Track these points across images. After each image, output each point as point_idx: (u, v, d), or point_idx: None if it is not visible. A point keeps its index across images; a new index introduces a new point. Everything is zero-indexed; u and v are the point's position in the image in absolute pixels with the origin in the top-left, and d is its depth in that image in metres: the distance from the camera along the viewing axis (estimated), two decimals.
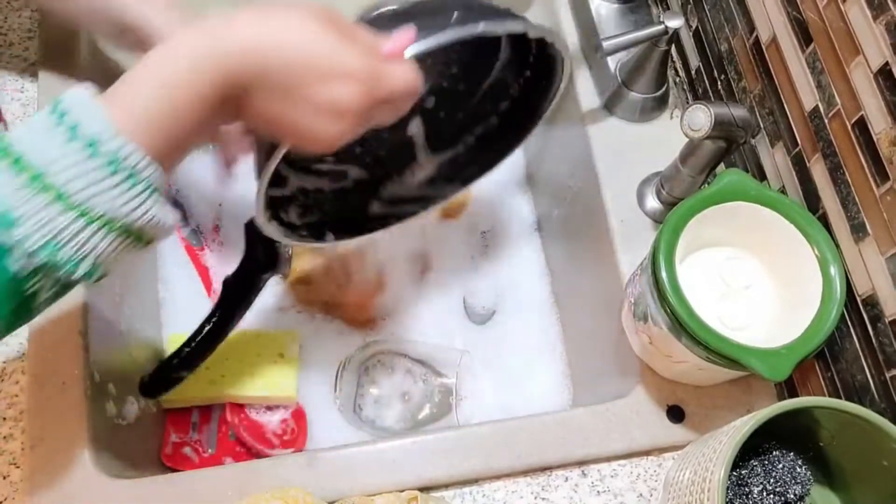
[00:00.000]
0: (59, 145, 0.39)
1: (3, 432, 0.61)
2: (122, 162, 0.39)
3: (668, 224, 0.57)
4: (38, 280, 0.41)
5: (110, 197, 0.39)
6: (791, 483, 0.56)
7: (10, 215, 0.38)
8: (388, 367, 0.82)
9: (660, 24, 0.65)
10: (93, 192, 0.39)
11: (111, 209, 0.40)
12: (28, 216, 0.38)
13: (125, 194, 0.40)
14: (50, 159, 0.39)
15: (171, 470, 0.73)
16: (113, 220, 0.40)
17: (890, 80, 0.49)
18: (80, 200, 0.39)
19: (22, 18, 0.77)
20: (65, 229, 0.39)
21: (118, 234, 0.41)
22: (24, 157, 0.39)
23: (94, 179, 0.39)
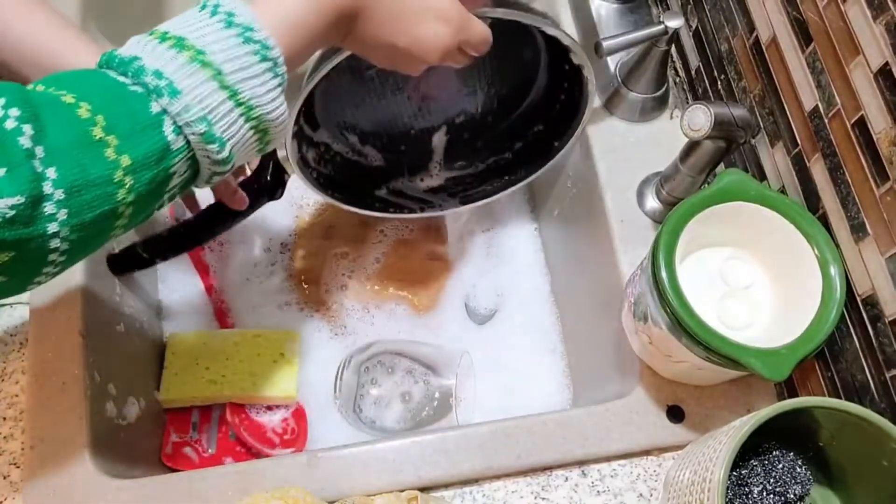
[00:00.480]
0: (216, 30, 0.42)
1: (3, 432, 0.61)
2: (268, 52, 0.43)
3: (668, 224, 0.57)
4: (181, 158, 0.43)
5: (255, 84, 0.43)
6: (791, 483, 0.56)
7: (175, 86, 0.41)
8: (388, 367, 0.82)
9: (660, 24, 0.65)
10: (243, 76, 0.43)
11: (254, 96, 0.43)
12: (190, 89, 0.41)
13: (266, 83, 0.44)
14: (209, 41, 0.42)
15: (171, 470, 0.73)
16: (253, 107, 0.44)
17: (890, 80, 0.49)
18: (232, 81, 0.42)
19: None
20: (218, 106, 0.42)
21: (253, 123, 0.44)
22: (185, 38, 0.42)
23: (245, 64, 0.43)
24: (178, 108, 0.41)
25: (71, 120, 0.39)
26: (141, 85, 0.41)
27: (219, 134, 0.43)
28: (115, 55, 0.42)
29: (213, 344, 0.80)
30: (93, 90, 0.41)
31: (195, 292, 0.86)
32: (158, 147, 0.41)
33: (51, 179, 0.37)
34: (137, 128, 0.40)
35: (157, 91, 0.41)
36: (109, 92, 0.41)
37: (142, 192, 0.42)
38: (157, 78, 0.41)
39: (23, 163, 0.36)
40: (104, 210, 0.40)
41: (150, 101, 0.41)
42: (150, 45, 0.42)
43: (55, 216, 0.38)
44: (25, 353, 0.64)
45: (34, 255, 0.38)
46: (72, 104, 0.39)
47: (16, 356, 0.64)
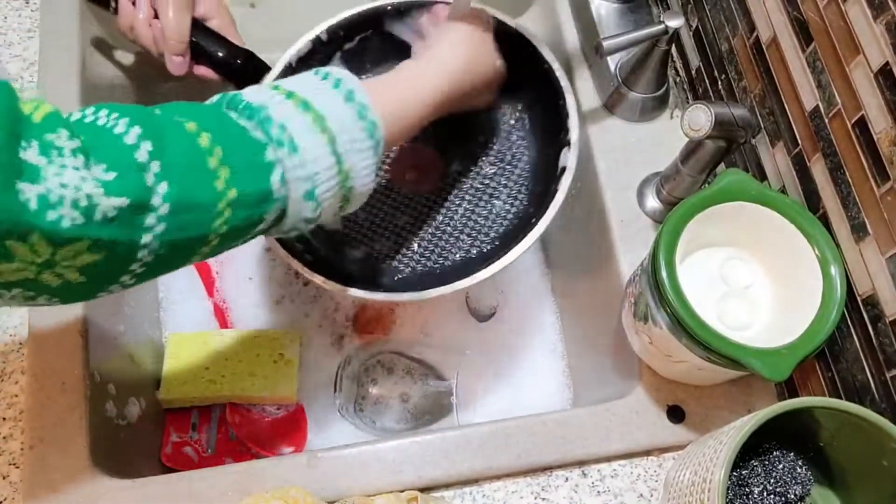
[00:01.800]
0: (337, 102, 0.47)
1: (3, 432, 0.61)
2: (376, 131, 0.49)
3: (668, 224, 0.57)
4: (277, 206, 0.46)
5: (359, 158, 0.48)
6: (791, 483, 0.56)
7: (296, 142, 0.45)
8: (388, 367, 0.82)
9: (660, 24, 0.65)
10: (350, 147, 0.47)
11: (354, 168, 0.48)
12: (308, 148, 0.45)
13: (367, 159, 0.48)
14: (329, 110, 0.47)
15: (171, 470, 0.73)
16: (350, 178, 0.48)
17: (890, 80, 0.49)
18: (342, 150, 0.47)
19: (22, 18, 0.77)
20: (326, 170, 0.46)
21: (345, 192, 0.49)
22: (310, 102, 0.46)
23: (356, 138, 0.47)
24: (293, 163, 0.45)
25: (191, 145, 0.42)
26: (264, 132, 0.45)
27: (318, 194, 0.46)
28: (240, 98, 0.46)
29: (213, 344, 0.80)
30: (214, 125, 0.44)
31: (195, 292, 0.86)
32: (263, 190, 0.44)
33: (160, 193, 0.39)
34: (250, 168, 0.44)
35: (278, 141, 0.44)
36: (230, 130, 0.44)
37: (234, 227, 0.44)
38: (280, 130, 0.45)
39: (134, 172, 0.39)
40: (197, 234, 0.42)
41: (268, 149, 0.44)
42: (276, 98, 0.46)
43: (153, 228, 0.40)
44: (25, 353, 0.64)
45: (121, 259, 0.40)
46: (193, 132, 0.42)
47: (16, 356, 0.64)
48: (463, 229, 0.70)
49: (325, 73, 0.49)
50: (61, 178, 0.36)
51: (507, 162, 0.71)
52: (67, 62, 0.74)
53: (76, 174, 0.36)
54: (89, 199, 0.37)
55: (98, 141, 0.39)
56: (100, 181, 0.37)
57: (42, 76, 0.73)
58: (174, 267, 0.44)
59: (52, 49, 0.74)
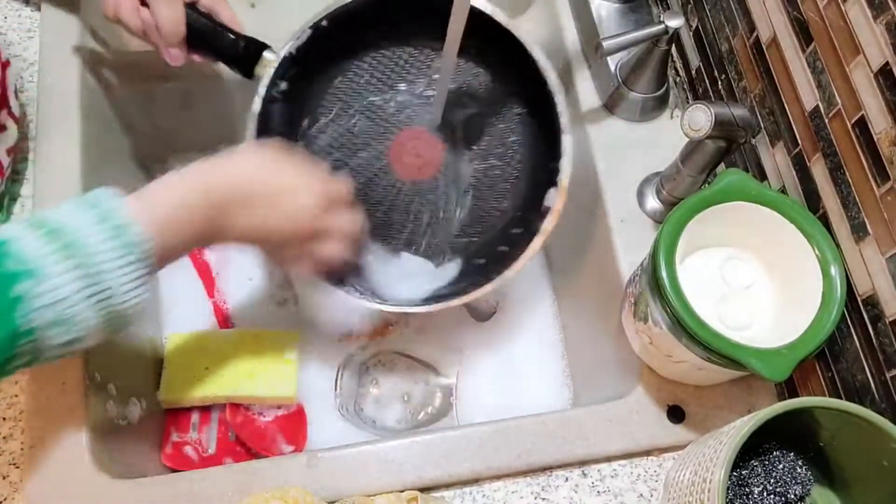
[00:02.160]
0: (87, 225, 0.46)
1: (3, 432, 0.61)
2: (134, 248, 0.47)
3: (668, 224, 0.57)
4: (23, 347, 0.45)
5: (117, 275, 0.46)
6: (791, 483, 0.56)
7: (37, 273, 0.44)
8: (388, 366, 0.82)
9: (660, 24, 0.65)
10: (105, 267, 0.46)
11: (115, 287, 0.46)
12: (50, 276, 0.44)
13: (128, 276, 0.47)
14: (78, 236, 0.45)
15: (171, 470, 0.73)
16: (112, 297, 0.47)
17: (890, 80, 0.49)
18: (94, 271, 0.45)
19: (22, 18, 0.77)
20: (74, 294, 0.45)
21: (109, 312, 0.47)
22: (58, 230, 0.45)
23: (111, 257, 0.46)
24: (35, 292, 0.44)
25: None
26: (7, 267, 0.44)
27: (68, 318, 0.45)
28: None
29: (213, 344, 0.80)
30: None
31: (195, 292, 0.86)
32: (10, 331, 0.43)
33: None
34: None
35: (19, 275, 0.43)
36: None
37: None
38: (21, 263, 0.44)
39: None
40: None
41: (14, 284, 0.43)
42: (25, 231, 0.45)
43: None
44: None
45: None
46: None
47: None
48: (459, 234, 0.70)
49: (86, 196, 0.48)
50: None
51: (505, 162, 0.71)
52: (67, 62, 0.74)
53: None
54: None
55: None
56: None
57: (42, 76, 0.73)
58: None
59: (52, 49, 0.74)
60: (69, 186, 0.68)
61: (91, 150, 0.71)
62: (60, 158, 0.69)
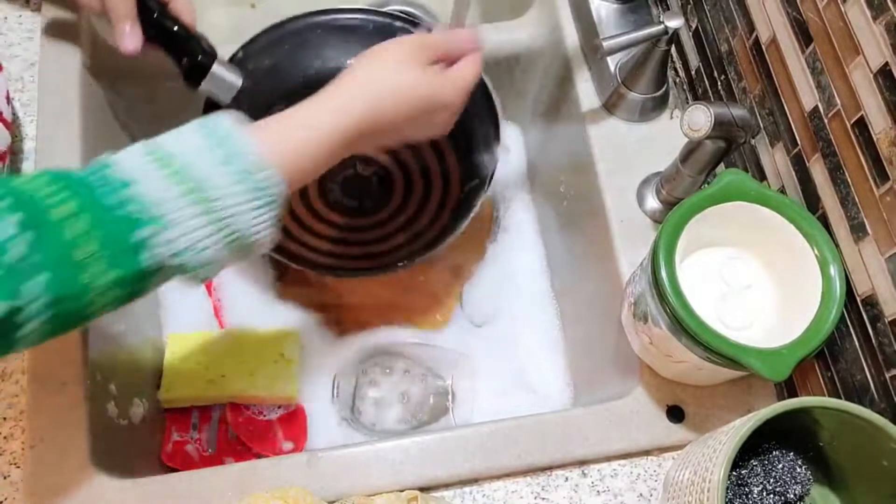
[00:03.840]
0: (215, 164, 0.44)
1: (3, 432, 0.61)
2: (265, 189, 0.46)
3: (668, 224, 0.57)
4: (156, 280, 0.45)
5: (246, 219, 0.45)
6: (791, 483, 0.56)
7: (163, 219, 0.43)
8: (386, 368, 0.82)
9: (660, 24, 0.65)
10: (234, 211, 0.45)
11: (240, 229, 0.46)
12: (177, 222, 0.43)
13: (259, 217, 0.46)
14: (204, 175, 0.44)
15: (171, 470, 0.73)
16: (241, 238, 0.46)
17: (890, 80, 0.49)
18: (224, 216, 0.44)
19: (22, 18, 0.77)
20: (204, 239, 0.44)
21: (238, 247, 0.46)
22: (183, 170, 0.44)
23: (241, 200, 0.45)
24: (162, 239, 0.43)
25: (63, 234, 0.41)
26: (133, 210, 0.43)
27: (197, 263, 0.45)
28: (110, 171, 0.44)
29: (213, 344, 0.80)
30: (86, 205, 0.42)
31: (195, 292, 0.86)
32: (136, 271, 0.43)
33: (34, 290, 0.39)
34: (122, 251, 0.42)
35: (148, 221, 0.43)
36: (100, 211, 0.42)
37: (114, 304, 0.45)
38: (151, 206, 0.43)
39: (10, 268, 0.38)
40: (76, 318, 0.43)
41: (136, 228, 0.43)
42: (148, 168, 0.44)
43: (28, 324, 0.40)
44: (25, 353, 0.64)
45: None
46: (65, 216, 0.41)
47: (16, 356, 0.64)
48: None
49: (210, 128, 0.46)
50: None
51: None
52: (67, 62, 0.74)
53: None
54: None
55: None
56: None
57: (42, 76, 0.73)
58: (58, 335, 0.44)
59: (52, 49, 0.74)
60: None
61: (91, 150, 0.71)
62: (60, 158, 0.69)
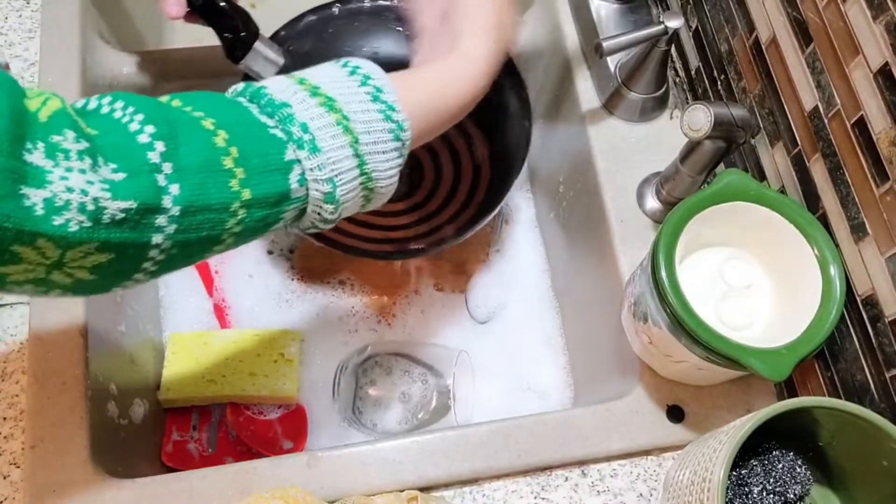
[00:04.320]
0: (363, 100, 0.45)
1: (3, 432, 0.61)
2: (402, 133, 0.47)
3: (668, 224, 0.57)
4: (296, 206, 0.45)
5: (382, 159, 0.46)
6: (791, 483, 0.56)
7: (317, 143, 0.43)
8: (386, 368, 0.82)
9: (660, 24, 0.65)
10: (374, 149, 0.46)
11: (377, 169, 0.46)
12: (329, 150, 0.44)
13: (391, 161, 0.47)
14: (354, 108, 0.45)
15: (171, 470, 0.73)
16: (373, 178, 0.46)
17: (890, 80, 0.49)
18: (365, 152, 0.45)
19: (22, 18, 0.77)
20: (347, 172, 0.45)
21: (366, 192, 0.47)
22: (335, 101, 0.45)
23: (380, 139, 0.46)
24: (312, 164, 0.43)
25: (206, 145, 0.41)
26: (284, 131, 0.43)
27: (339, 196, 0.45)
28: (263, 93, 0.44)
29: (213, 344, 0.80)
30: (232, 121, 0.42)
31: (195, 292, 0.86)
32: (280, 191, 0.43)
33: (172, 195, 0.39)
34: (267, 168, 0.42)
35: (298, 142, 0.43)
36: (248, 127, 0.43)
37: (249, 227, 0.43)
38: (302, 130, 0.43)
39: (145, 173, 0.38)
40: (210, 234, 0.42)
41: (287, 148, 0.43)
42: (300, 94, 0.44)
43: (164, 229, 0.39)
44: (26, 353, 0.64)
45: (131, 259, 0.40)
46: (210, 130, 0.41)
47: (16, 356, 0.64)
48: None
49: (353, 66, 0.47)
50: (67, 181, 0.35)
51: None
52: (67, 62, 0.74)
53: (82, 177, 0.36)
54: (96, 203, 0.36)
55: (110, 138, 0.38)
56: (108, 183, 0.37)
57: (42, 76, 0.73)
58: (189, 263, 0.44)
59: (53, 49, 0.74)
60: None
61: None
62: None
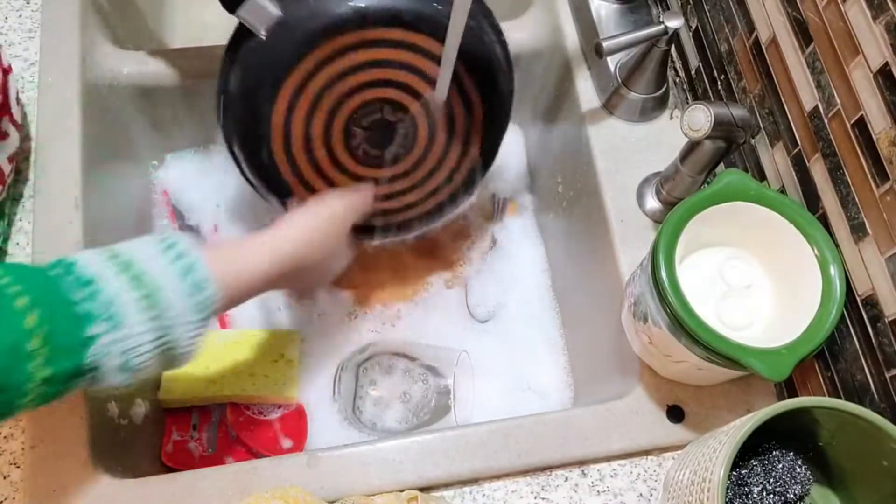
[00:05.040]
0: (171, 278, 0.48)
1: (3, 432, 0.61)
2: (208, 307, 0.50)
3: (668, 224, 0.57)
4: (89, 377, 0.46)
5: (185, 329, 0.49)
6: (791, 483, 0.56)
7: (117, 319, 0.45)
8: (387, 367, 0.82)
9: (660, 24, 0.65)
10: (178, 321, 0.48)
11: (180, 338, 0.49)
12: (129, 324, 0.46)
13: (195, 330, 0.49)
14: (161, 284, 0.47)
15: (171, 470, 0.73)
16: (174, 347, 0.49)
17: (889, 80, 0.49)
18: (168, 324, 0.47)
19: (22, 18, 0.77)
20: (146, 343, 0.47)
21: (166, 357, 0.49)
22: (141, 276, 0.47)
23: (184, 312, 0.48)
24: (113, 338, 0.45)
25: (16, 325, 0.42)
26: (88, 307, 0.45)
27: (134, 365, 0.47)
28: (74, 267, 0.46)
29: (213, 344, 0.80)
30: (44, 300, 0.44)
31: None
32: (77, 365, 0.45)
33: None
34: (69, 347, 0.44)
35: (104, 317, 0.45)
36: (58, 306, 0.44)
37: (42, 400, 0.45)
38: (107, 306, 0.45)
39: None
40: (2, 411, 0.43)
41: (91, 324, 0.45)
42: (109, 271, 0.46)
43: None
44: None
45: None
46: (22, 309, 0.42)
47: None
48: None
49: (169, 242, 0.50)
50: None
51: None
52: (67, 62, 0.74)
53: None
54: None
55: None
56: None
57: (42, 76, 0.73)
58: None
59: (53, 49, 0.74)
60: (69, 186, 0.68)
61: (91, 150, 0.71)
62: (60, 158, 0.69)
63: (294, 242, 0.60)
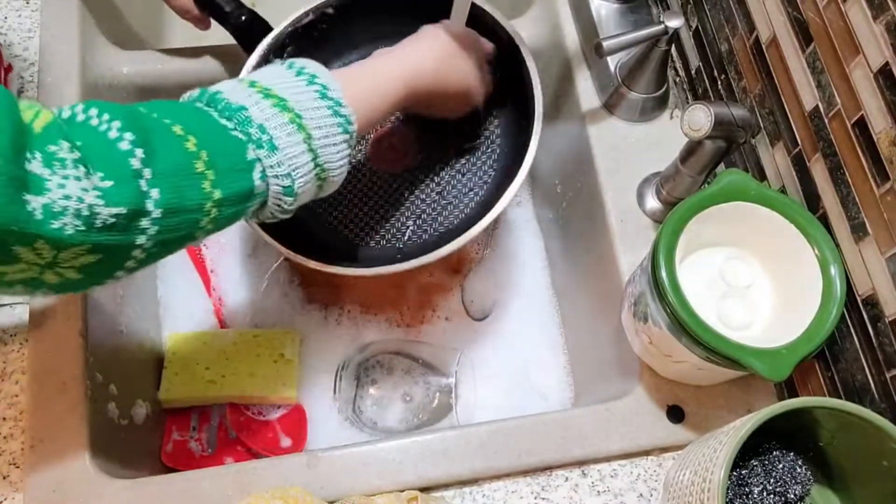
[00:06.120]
0: (311, 99, 0.49)
1: (3, 432, 0.61)
2: (349, 126, 0.51)
3: (668, 224, 0.57)
4: (259, 200, 0.49)
5: (333, 151, 0.50)
6: (791, 483, 0.56)
7: (275, 142, 0.47)
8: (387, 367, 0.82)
9: (660, 24, 0.65)
10: (326, 142, 0.50)
11: (329, 161, 0.50)
12: (285, 147, 0.47)
13: (341, 152, 0.51)
14: (305, 107, 0.49)
15: (171, 470, 0.73)
16: (326, 169, 0.50)
17: (890, 80, 0.49)
18: (317, 146, 0.49)
19: (22, 18, 0.77)
20: (303, 166, 0.49)
21: (320, 182, 0.51)
22: (287, 101, 0.48)
23: (330, 133, 0.50)
24: (271, 161, 0.47)
25: (179, 150, 0.44)
26: (243, 133, 0.47)
27: (296, 188, 0.49)
28: (220, 97, 0.48)
29: (213, 344, 0.80)
30: (198, 127, 0.46)
31: (195, 292, 0.86)
32: (246, 188, 0.47)
33: (153, 199, 0.42)
34: (233, 168, 0.46)
35: (257, 142, 0.47)
36: (213, 132, 0.46)
37: (220, 223, 0.47)
38: (260, 132, 0.47)
39: (130, 180, 0.41)
40: (186, 233, 0.45)
41: (248, 149, 0.47)
42: (254, 97, 0.48)
43: (147, 231, 0.42)
44: (25, 353, 0.64)
45: (117, 259, 0.43)
46: (180, 136, 0.44)
47: (16, 356, 0.64)
48: (435, 206, 0.71)
49: (298, 67, 0.51)
50: (64, 189, 0.38)
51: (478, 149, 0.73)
52: (67, 62, 0.74)
53: (77, 185, 0.39)
54: (91, 209, 0.39)
55: (94, 148, 0.41)
56: (100, 190, 0.39)
57: (42, 76, 0.73)
58: (163, 257, 0.47)
59: (52, 49, 0.74)
60: None
61: None
62: None
63: (418, 65, 0.60)
